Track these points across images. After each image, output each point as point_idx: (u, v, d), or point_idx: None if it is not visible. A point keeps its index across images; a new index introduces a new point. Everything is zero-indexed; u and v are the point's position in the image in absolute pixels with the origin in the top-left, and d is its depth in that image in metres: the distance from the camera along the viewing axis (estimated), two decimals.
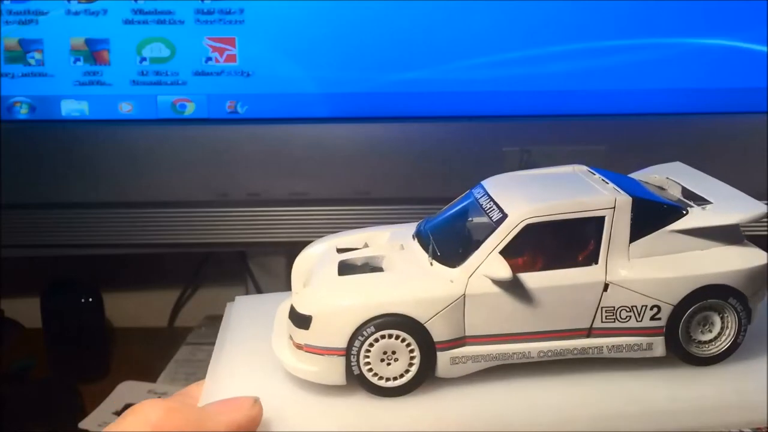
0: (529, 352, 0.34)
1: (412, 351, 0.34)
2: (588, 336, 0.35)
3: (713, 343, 0.35)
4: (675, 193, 0.39)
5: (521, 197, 0.36)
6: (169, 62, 0.65)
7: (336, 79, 0.65)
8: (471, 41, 0.64)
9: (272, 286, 0.78)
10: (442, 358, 0.34)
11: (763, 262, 0.35)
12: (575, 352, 0.35)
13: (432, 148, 0.66)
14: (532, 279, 0.34)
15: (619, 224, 0.35)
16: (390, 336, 0.34)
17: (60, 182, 0.66)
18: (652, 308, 0.34)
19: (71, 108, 0.66)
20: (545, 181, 0.39)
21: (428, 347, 0.34)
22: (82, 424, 0.66)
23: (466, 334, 0.34)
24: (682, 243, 0.35)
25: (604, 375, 0.35)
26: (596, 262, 0.34)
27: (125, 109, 0.66)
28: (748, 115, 0.65)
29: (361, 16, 0.64)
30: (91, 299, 0.77)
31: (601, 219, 0.34)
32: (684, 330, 0.34)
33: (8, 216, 0.66)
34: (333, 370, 0.34)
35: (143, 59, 0.65)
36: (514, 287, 0.34)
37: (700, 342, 0.35)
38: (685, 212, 0.35)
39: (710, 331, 0.35)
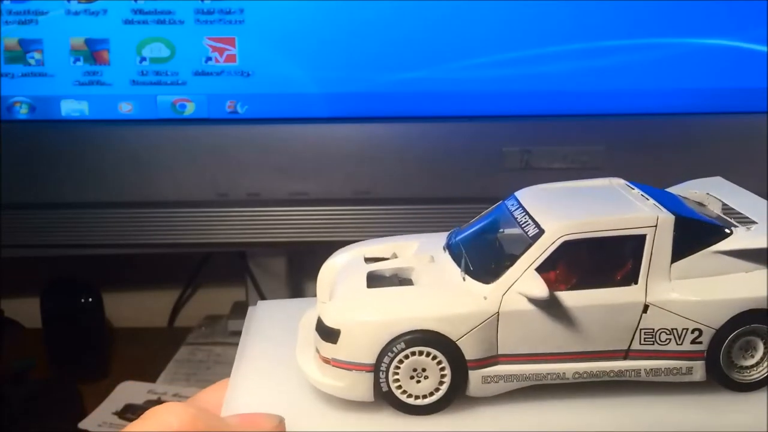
0: (564, 373, 0.33)
1: (443, 369, 0.33)
2: (625, 358, 0.33)
3: (755, 368, 0.34)
4: (715, 210, 0.38)
5: (558, 212, 0.35)
6: (169, 62, 0.65)
7: (336, 79, 0.65)
8: (471, 41, 0.64)
9: (272, 286, 0.78)
10: (474, 376, 0.33)
11: None
12: (612, 374, 0.33)
13: (432, 148, 0.66)
14: (568, 297, 0.33)
15: (660, 243, 0.33)
16: (420, 353, 0.33)
17: (60, 182, 0.66)
18: (693, 331, 0.33)
19: (71, 108, 0.66)
20: (582, 195, 0.38)
21: (459, 365, 0.33)
22: (82, 424, 0.66)
23: (499, 352, 0.33)
24: (725, 264, 0.34)
25: (636, 398, 0.34)
26: (636, 282, 0.33)
27: (125, 109, 0.66)
28: (748, 115, 0.65)
29: (361, 16, 0.64)
30: (91, 299, 0.77)
31: (642, 237, 0.33)
32: (725, 354, 0.33)
33: (8, 216, 0.66)
34: (360, 386, 0.33)
35: (143, 59, 0.65)
36: (549, 306, 0.33)
37: (741, 367, 0.34)
38: (729, 232, 0.34)
39: (752, 357, 0.34)
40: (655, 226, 0.33)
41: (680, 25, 0.64)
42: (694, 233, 0.34)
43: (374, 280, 0.36)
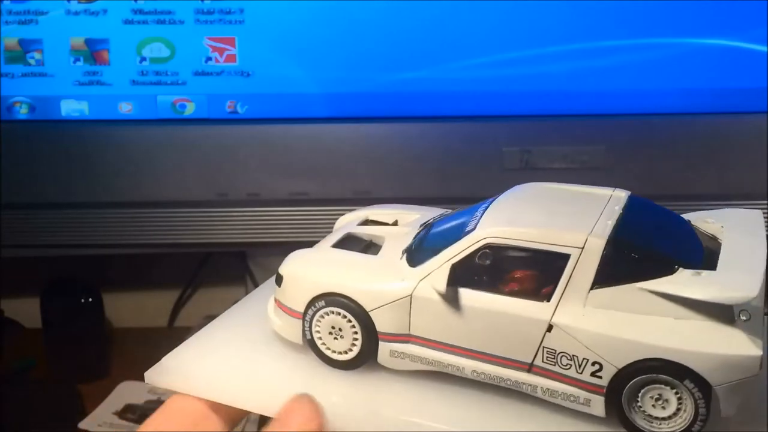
0: (464, 368, 0.34)
1: (355, 333, 0.35)
2: (528, 371, 0.33)
3: (665, 422, 0.31)
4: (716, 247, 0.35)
5: (506, 215, 0.35)
6: (169, 62, 0.65)
7: (336, 79, 0.65)
8: (471, 41, 0.64)
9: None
10: (383, 348, 0.35)
11: (747, 353, 0.29)
12: (509, 382, 0.33)
13: (432, 148, 0.66)
14: (480, 299, 0.33)
15: (583, 266, 0.32)
16: (338, 314, 0.35)
17: (60, 182, 0.66)
18: (593, 364, 0.31)
19: (71, 108, 0.66)
20: (555, 202, 0.37)
21: (370, 334, 0.35)
22: (82, 424, 0.67)
23: (411, 332, 0.35)
24: (652, 305, 0.31)
25: (549, 416, 0.33)
26: (548, 300, 0.32)
27: (125, 109, 0.66)
28: (748, 115, 0.65)
29: (361, 16, 0.64)
30: (90, 299, 0.77)
31: (566, 256, 0.32)
32: (631, 397, 0.31)
33: (8, 216, 0.66)
34: (292, 329, 0.37)
35: (143, 59, 0.65)
36: (455, 302, 0.33)
37: (650, 416, 0.31)
38: (671, 271, 0.31)
39: (663, 408, 0.31)
40: (582, 247, 0.32)
41: (680, 25, 0.64)
42: (626, 263, 0.32)
43: (347, 242, 0.39)
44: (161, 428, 0.32)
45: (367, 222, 0.42)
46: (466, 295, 0.33)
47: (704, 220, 0.37)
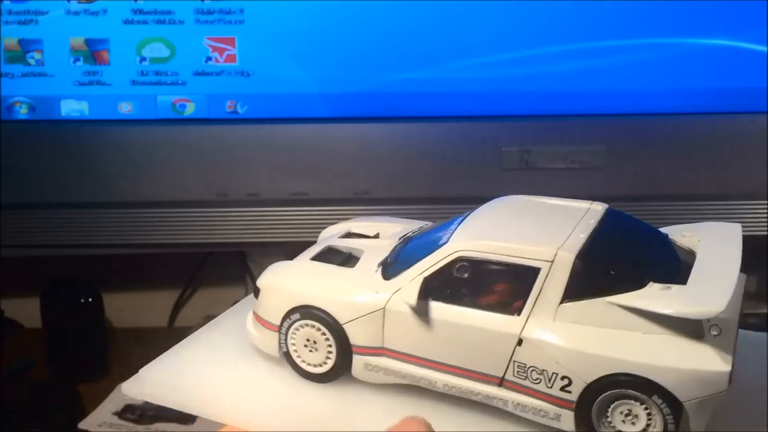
0: (436, 382, 0.34)
1: (330, 346, 0.35)
2: (500, 386, 0.33)
3: None
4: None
5: (476, 228, 0.35)
6: (169, 62, 0.65)
7: (336, 79, 0.65)
8: (471, 41, 0.64)
9: None
10: (357, 361, 0.35)
11: (715, 368, 0.29)
12: (480, 397, 0.33)
13: (432, 148, 0.66)
14: (451, 312, 0.33)
15: (553, 280, 0.32)
16: (313, 326, 0.36)
17: (60, 182, 0.66)
18: (563, 378, 0.31)
19: (71, 108, 0.66)
20: (532, 215, 0.37)
21: (344, 347, 0.35)
22: (82, 424, 0.66)
23: (385, 345, 0.35)
24: (621, 319, 0.31)
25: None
26: (519, 314, 0.32)
27: (125, 109, 0.66)
28: (748, 115, 0.65)
29: (361, 17, 0.64)
30: (91, 299, 0.77)
31: (537, 270, 0.32)
32: (601, 413, 0.31)
33: (8, 216, 0.66)
34: (269, 342, 0.37)
35: (143, 59, 0.65)
36: (429, 315, 0.33)
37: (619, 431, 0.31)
38: (640, 286, 0.31)
39: (633, 424, 0.31)
40: (552, 261, 0.32)
41: (680, 25, 0.64)
42: (595, 277, 0.31)
43: (326, 254, 0.39)
44: None
45: (349, 235, 0.42)
46: (438, 308, 0.33)
47: (682, 234, 0.36)
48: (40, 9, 0.64)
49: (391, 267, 0.36)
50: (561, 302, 0.32)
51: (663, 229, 0.37)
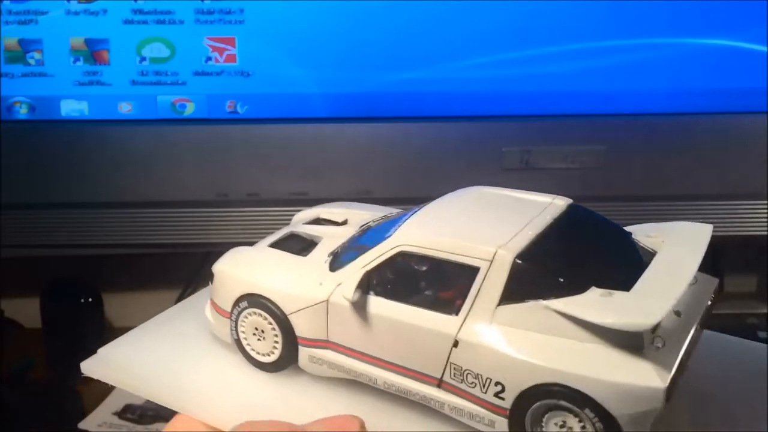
0: (376, 379, 0.33)
1: (276, 336, 0.35)
2: (438, 387, 0.32)
3: None
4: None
5: (423, 222, 0.34)
6: (169, 62, 0.65)
7: (336, 79, 0.65)
8: (471, 41, 0.64)
9: None
10: (303, 352, 0.35)
11: (649, 384, 0.27)
12: (418, 397, 0.32)
13: (432, 148, 0.66)
14: (391, 308, 0.32)
15: (491, 280, 0.30)
16: (260, 315, 0.35)
17: (60, 182, 0.66)
18: (496, 384, 0.30)
19: (71, 108, 0.66)
20: (487, 209, 0.35)
21: (289, 338, 0.35)
22: (82, 424, 0.66)
23: (329, 339, 0.34)
24: (558, 326, 0.29)
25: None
26: (457, 314, 0.31)
27: (125, 109, 0.66)
28: (748, 115, 0.65)
29: (361, 16, 0.64)
30: (91, 299, 0.77)
31: (476, 270, 0.30)
32: (535, 422, 0.29)
33: (8, 216, 0.66)
34: (222, 328, 0.37)
35: (143, 59, 0.65)
36: (369, 311, 0.32)
37: None
38: (580, 291, 0.29)
39: None
40: (491, 260, 0.30)
41: (680, 25, 0.64)
42: (534, 279, 0.30)
43: (288, 240, 0.39)
44: None
45: (317, 221, 0.41)
46: (378, 303, 0.32)
47: (647, 234, 0.34)
48: (40, 9, 0.64)
49: (339, 258, 0.35)
50: (499, 304, 0.30)
51: (629, 228, 0.35)
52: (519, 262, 0.30)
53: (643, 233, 0.34)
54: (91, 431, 0.66)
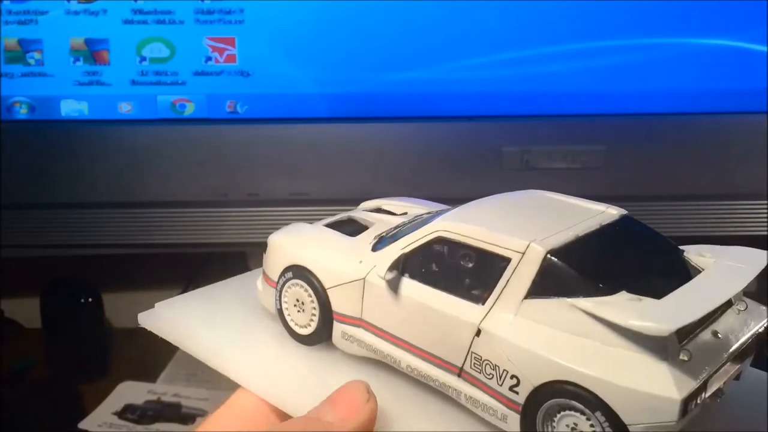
0: (400, 361, 0.33)
1: (314, 308, 0.36)
2: (458, 376, 0.31)
3: None
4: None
5: (467, 212, 0.34)
6: (169, 62, 0.65)
7: (336, 79, 0.65)
8: (471, 41, 0.64)
9: None
10: (336, 328, 0.35)
11: (665, 394, 0.26)
12: (437, 384, 0.32)
13: (432, 148, 0.66)
14: (420, 291, 0.32)
15: (521, 273, 0.30)
16: (301, 287, 0.36)
17: (60, 182, 0.66)
18: (512, 377, 0.29)
19: (71, 108, 0.66)
20: (538, 209, 0.35)
21: (326, 312, 0.35)
22: (82, 424, 0.66)
23: (363, 317, 0.34)
24: (582, 325, 0.29)
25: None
26: (483, 303, 0.31)
27: (125, 109, 0.66)
28: (748, 115, 0.65)
29: (361, 17, 0.64)
30: (91, 299, 0.77)
31: (507, 260, 0.30)
32: (546, 421, 0.29)
33: (8, 216, 0.66)
34: (269, 298, 0.38)
35: (143, 59, 0.65)
36: (401, 292, 0.33)
37: None
38: (608, 293, 0.29)
39: None
40: (523, 253, 0.30)
41: (680, 25, 0.64)
42: (563, 277, 0.30)
43: (344, 223, 0.40)
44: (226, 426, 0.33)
45: (378, 210, 0.42)
46: (411, 286, 0.33)
47: (700, 254, 0.33)
48: (40, 9, 0.64)
49: (383, 240, 0.36)
50: (525, 297, 0.30)
51: (685, 246, 0.34)
52: (551, 257, 0.30)
53: (696, 252, 0.34)
54: (91, 431, 0.66)
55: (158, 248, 0.70)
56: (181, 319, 0.40)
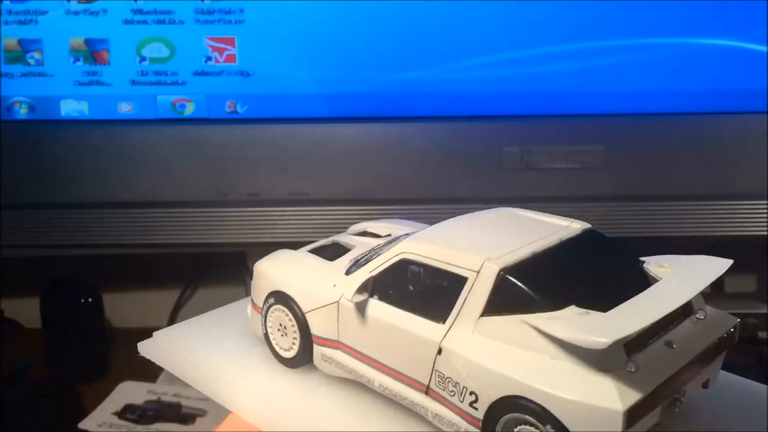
0: (373, 381, 0.34)
1: (295, 332, 0.37)
2: (426, 394, 0.32)
3: None
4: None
5: (432, 232, 0.35)
6: (169, 62, 0.65)
7: (336, 79, 0.65)
8: (471, 41, 0.64)
9: None
10: (317, 351, 0.36)
11: (608, 405, 0.27)
12: (406, 402, 0.33)
13: (432, 148, 0.66)
14: (389, 313, 0.33)
15: (477, 291, 0.31)
16: (283, 311, 0.37)
17: (60, 182, 0.66)
18: (471, 394, 0.30)
19: (71, 108, 0.66)
20: (503, 227, 0.35)
21: (305, 335, 0.36)
22: (82, 424, 0.66)
23: (340, 339, 0.35)
24: (533, 340, 0.29)
25: None
26: (444, 322, 0.31)
27: (125, 109, 0.66)
28: (748, 115, 0.65)
29: (361, 17, 0.64)
30: (90, 299, 0.77)
31: (464, 279, 0.31)
32: None
33: (8, 216, 0.66)
34: (256, 324, 0.39)
35: (143, 59, 0.65)
36: (370, 314, 0.34)
37: None
38: (558, 308, 0.29)
39: None
40: (477, 272, 0.31)
41: (680, 25, 0.64)
42: (514, 294, 0.30)
43: (328, 247, 0.41)
44: None
45: (364, 233, 0.43)
46: (379, 307, 0.34)
47: (660, 264, 0.34)
48: (40, 9, 0.64)
49: (357, 263, 0.36)
50: (482, 315, 0.31)
51: (647, 258, 0.35)
52: (504, 275, 0.30)
53: (657, 263, 0.34)
54: (91, 431, 0.66)
55: (158, 248, 0.70)
56: (179, 348, 0.41)
